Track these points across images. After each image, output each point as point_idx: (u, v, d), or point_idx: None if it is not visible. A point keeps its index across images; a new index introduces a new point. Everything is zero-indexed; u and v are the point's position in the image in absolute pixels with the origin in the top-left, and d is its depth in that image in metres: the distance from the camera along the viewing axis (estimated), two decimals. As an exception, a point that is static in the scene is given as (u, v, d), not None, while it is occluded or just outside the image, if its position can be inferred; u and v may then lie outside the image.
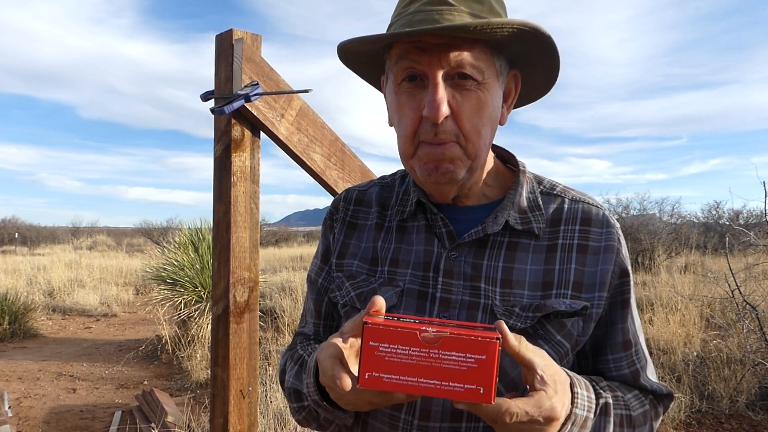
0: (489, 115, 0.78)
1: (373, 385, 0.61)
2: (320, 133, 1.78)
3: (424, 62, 0.75)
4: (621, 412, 0.80)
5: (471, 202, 0.88)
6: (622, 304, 0.85)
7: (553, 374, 0.66)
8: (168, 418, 3.96)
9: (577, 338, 0.81)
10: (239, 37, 1.58)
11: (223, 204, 1.63)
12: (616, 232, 0.85)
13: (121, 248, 24.52)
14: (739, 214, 15.08)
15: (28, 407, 4.83)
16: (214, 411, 1.65)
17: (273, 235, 31.04)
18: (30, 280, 11.97)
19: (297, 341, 0.99)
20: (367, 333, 0.61)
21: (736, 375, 4.40)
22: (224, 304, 1.61)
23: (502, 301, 0.80)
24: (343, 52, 0.84)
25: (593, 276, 0.82)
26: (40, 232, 32.86)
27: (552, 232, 0.85)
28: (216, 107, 1.53)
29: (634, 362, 0.86)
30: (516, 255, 0.83)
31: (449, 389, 0.60)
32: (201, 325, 6.27)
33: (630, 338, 0.85)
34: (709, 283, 6.76)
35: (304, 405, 0.86)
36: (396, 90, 0.79)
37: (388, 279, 0.87)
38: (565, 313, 0.79)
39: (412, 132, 0.78)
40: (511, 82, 0.86)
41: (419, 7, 0.76)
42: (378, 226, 0.93)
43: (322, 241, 0.99)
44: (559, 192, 0.88)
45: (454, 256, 0.84)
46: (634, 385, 0.86)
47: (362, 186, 1.00)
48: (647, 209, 14.42)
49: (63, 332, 8.20)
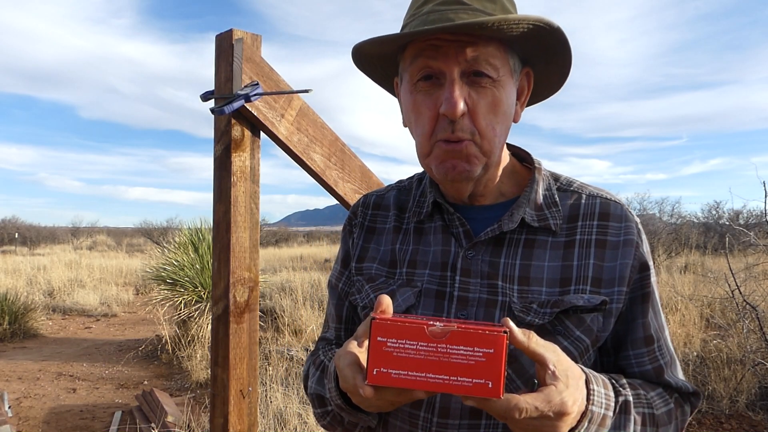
0: (504, 113, 0.79)
1: (381, 381, 0.61)
2: (320, 133, 1.78)
3: (440, 60, 0.75)
4: (643, 410, 0.78)
5: (487, 201, 0.88)
6: (643, 299, 0.84)
7: (566, 369, 0.65)
8: (168, 418, 3.96)
9: (597, 333, 0.80)
10: (239, 37, 1.58)
11: (223, 204, 1.63)
12: (635, 227, 0.84)
13: (121, 248, 24.52)
14: (739, 214, 15.08)
15: (28, 407, 4.83)
16: (214, 411, 1.65)
17: (273, 235, 31.05)
18: (30, 280, 11.97)
19: (319, 347, 1.00)
20: (375, 328, 0.61)
21: (736, 375, 4.40)
22: (224, 304, 1.61)
23: (520, 298, 0.80)
24: (357, 55, 0.85)
25: (612, 270, 0.81)
26: (40, 232, 32.86)
27: (569, 227, 0.84)
28: (216, 107, 1.53)
29: (656, 358, 0.84)
30: (533, 252, 0.83)
31: (458, 384, 0.60)
32: (201, 325, 6.27)
33: (652, 333, 0.84)
34: (709, 283, 6.76)
35: (328, 410, 0.86)
36: (412, 90, 0.80)
37: (407, 280, 0.87)
38: (584, 308, 0.79)
39: (429, 130, 0.79)
40: (524, 80, 0.86)
41: (433, 7, 0.76)
42: (396, 228, 0.93)
43: (342, 247, 1.00)
44: (576, 188, 0.88)
45: (471, 255, 0.84)
46: (658, 382, 0.85)
47: (380, 191, 1.01)
48: (647, 209, 14.43)
49: (63, 332, 8.20)
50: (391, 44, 0.80)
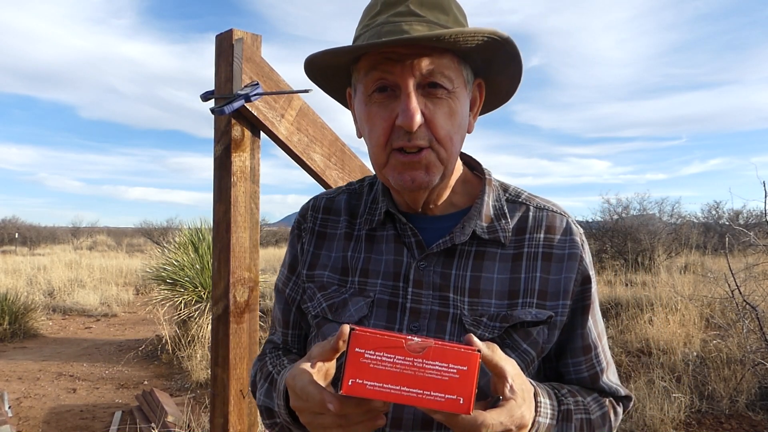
0: (459, 123, 0.80)
1: (355, 392, 0.61)
2: (320, 133, 1.78)
3: (395, 73, 0.75)
4: (581, 416, 0.83)
5: (439, 211, 0.89)
6: (583, 310, 0.87)
7: (521, 383, 0.69)
8: (168, 418, 3.96)
9: (542, 345, 0.83)
10: (239, 37, 1.58)
11: (223, 204, 1.63)
12: (579, 239, 0.87)
13: (121, 248, 24.52)
14: (739, 214, 15.09)
15: (28, 407, 4.83)
16: (214, 411, 1.65)
17: (273, 235, 31.06)
18: (30, 280, 11.97)
19: (266, 350, 1.00)
20: (354, 339, 0.62)
21: (736, 375, 4.40)
22: (224, 304, 1.61)
23: (470, 310, 0.82)
24: (310, 66, 0.85)
25: (557, 284, 0.84)
26: (40, 232, 32.87)
27: (518, 240, 0.86)
28: (216, 107, 1.53)
29: (593, 365, 0.88)
30: (483, 264, 0.84)
31: (430, 398, 0.61)
32: (201, 325, 6.27)
33: (589, 343, 0.88)
34: (709, 283, 6.76)
35: (276, 422, 0.87)
36: (366, 101, 0.80)
37: (359, 289, 0.87)
38: (531, 323, 0.81)
39: (384, 141, 0.79)
40: (476, 90, 0.88)
41: (387, 19, 0.76)
42: (347, 235, 0.93)
43: (290, 251, 0.99)
44: (524, 200, 0.90)
45: (423, 266, 0.85)
46: (593, 387, 0.89)
47: (330, 193, 1.00)
48: (647, 209, 14.43)
49: (63, 332, 8.20)
50: (345, 56, 0.80)
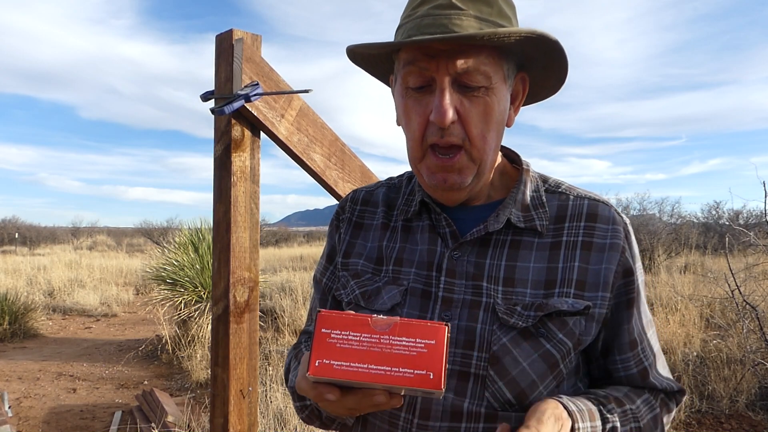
0: (496, 120, 0.79)
1: (323, 373, 0.61)
2: (320, 133, 1.78)
3: (431, 68, 0.75)
4: (630, 426, 0.81)
5: (476, 202, 0.88)
6: (627, 304, 0.84)
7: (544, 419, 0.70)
8: (168, 418, 3.96)
9: (579, 337, 0.80)
10: (239, 37, 1.58)
11: (223, 204, 1.63)
12: (623, 230, 0.84)
13: (121, 248, 24.51)
14: (739, 214, 15.07)
15: (28, 407, 4.83)
16: (214, 411, 1.65)
17: (273, 235, 31.06)
18: (30, 280, 11.96)
19: (302, 339, 1.01)
20: (320, 320, 0.62)
21: (736, 375, 4.40)
22: (224, 304, 1.61)
23: (504, 299, 0.81)
24: (351, 55, 0.86)
25: (597, 274, 0.81)
26: (40, 232, 32.86)
27: (556, 228, 0.84)
28: (216, 107, 1.53)
29: (641, 360, 0.86)
30: (519, 253, 0.83)
31: (399, 375, 0.60)
32: (201, 325, 6.27)
33: (635, 337, 0.85)
34: (709, 283, 6.76)
35: (306, 404, 0.88)
36: (404, 94, 0.81)
37: (393, 278, 0.87)
38: (568, 312, 0.79)
39: (420, 135, 0.79)
40: (519, 84, 0.86)
41: (428, 11, 0.76)
42: (384, 225, 0.93)
43: (328, 241, 1.00)
44: (564, 189, 0.89)
45: (457, 256, 0.84)
46: (644, 384, 0.87)
47: (370, 187, 1.01)
48: (647, 209, 14.42)
49: (63, 332, 8.20)
50: (383, 49, 0.81)
